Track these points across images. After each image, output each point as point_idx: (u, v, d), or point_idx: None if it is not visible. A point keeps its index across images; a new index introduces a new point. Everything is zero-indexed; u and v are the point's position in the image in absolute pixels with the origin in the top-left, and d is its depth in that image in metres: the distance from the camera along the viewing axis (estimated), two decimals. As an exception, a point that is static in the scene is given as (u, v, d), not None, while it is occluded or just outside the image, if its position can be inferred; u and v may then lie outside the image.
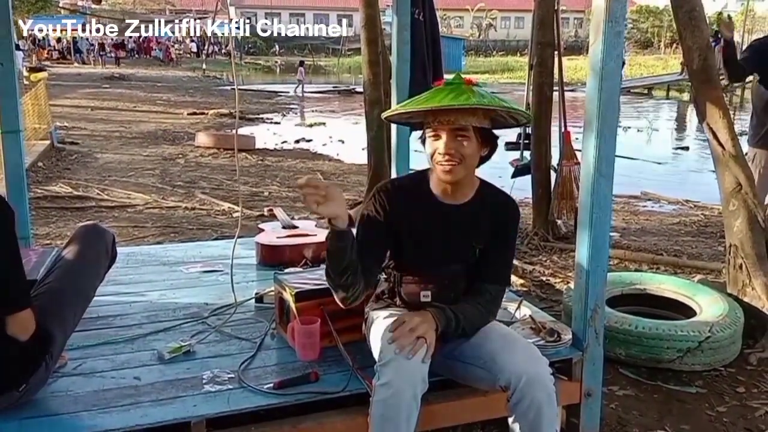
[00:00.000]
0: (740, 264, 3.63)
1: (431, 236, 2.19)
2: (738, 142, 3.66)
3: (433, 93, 2.07)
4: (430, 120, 2.08)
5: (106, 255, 2.36)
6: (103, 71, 30.18)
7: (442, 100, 2.01)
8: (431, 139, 2.10)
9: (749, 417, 2.89)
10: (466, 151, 2.07)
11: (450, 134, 2.05)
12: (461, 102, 1.99)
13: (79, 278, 2.23)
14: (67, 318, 2.14)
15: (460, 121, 2.04)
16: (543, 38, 5.43)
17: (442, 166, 2.08)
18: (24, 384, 1.99)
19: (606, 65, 2.28)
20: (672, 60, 37.86)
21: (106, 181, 7.94)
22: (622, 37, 2.29)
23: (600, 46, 2.27)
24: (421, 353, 1.93)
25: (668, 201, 7.88)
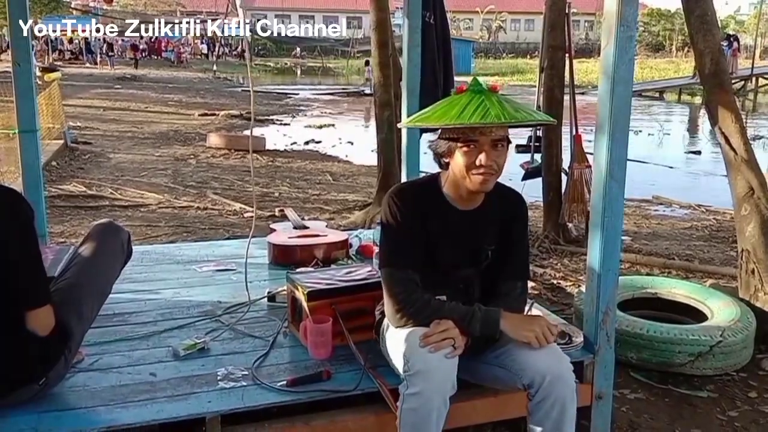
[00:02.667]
0: (752, 269, 3.62)
1: (445, 241, 2.19)
2: (750, 146, 3.65)
3: (462, 103, 2.02)
4: (468, 131, 2.03)
5: (122, 252, 2.39)
6: (114, 72, 30.29)
7: (484, 116, 1.95)
8: (465, 149, 2.04)
9: (761, 422, 2.88)
10: (502, 161, 2.07)
11: (491, 145, 2.04)
12: (515, 119, 1.98)
13: (96, 275, 2.26)
14: (84, 313, 2.17)
15: (500, 132, 2.04)
16: (554, 41, 5.42)
17: (480, 176, 2.05)
18: (43, 378, 2.02)
19: (618, 69, 2.28)
20: (684, 64, 37.69)
21: (119, 181, 7.99)
22: (633, 41, 2.29)
23: (612, 49, 2.27)
24: (446, 350, 1.95)
25: (680, 205, 7.86)
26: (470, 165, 2.04)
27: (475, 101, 2.00)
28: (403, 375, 1.95)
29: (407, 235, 2.15)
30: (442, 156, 2.12)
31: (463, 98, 2.03)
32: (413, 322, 2.08)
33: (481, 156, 2.03)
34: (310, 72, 41.53)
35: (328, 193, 7.95)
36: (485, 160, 2.02)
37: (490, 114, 1.95)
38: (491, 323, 2.06)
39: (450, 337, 1.97)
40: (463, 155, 2.05)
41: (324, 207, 7.07)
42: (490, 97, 2.01)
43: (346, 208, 7.03)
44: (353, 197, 7.66)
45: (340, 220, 6.35)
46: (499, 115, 1.95)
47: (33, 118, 3.67)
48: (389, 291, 2.14)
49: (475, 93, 2.04)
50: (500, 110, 1.97)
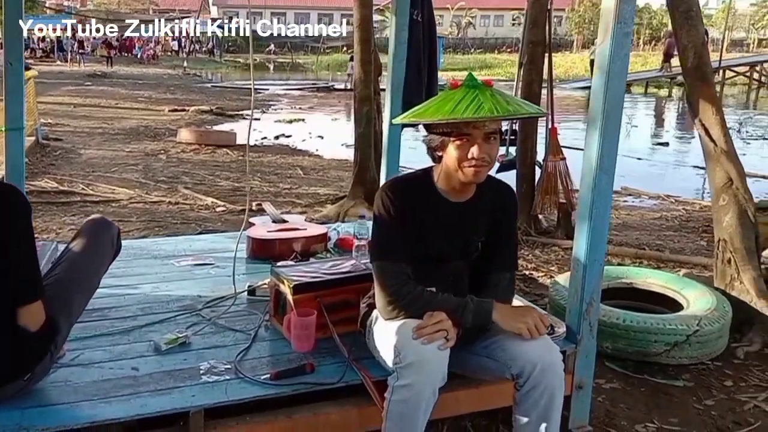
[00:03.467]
0: (729, 258, 3.68)
1: (436, 233, 2.20)
2: (730, 138, 3.72)
3: (455, 98, 2.02)
4: (461, 125, 2.03)
5: (111, 247, 2.38)
6: (85, 69, 29.93)
7: (478, 111, 1.96)
8: (458, 142, 2.05)
9: (738, 410, 2.93)
10: (494, 153, 2.10)
11: (484, 138, 2.05)
12: (507, 112, 1.99)
13: (87, 270, 2.24)
14: (73, 308, 2.15)
15: (492, 126, 2.05)
16: (535, 37, 5.52)
17: (473, 168, 2.06)
18: (29, 373, 2.00)
19: (613, 64, 2.29)
20: (651, 57, 38.16)
21: (90, 177, 7.90)
22: (630, 38, 2.32)
23: (608, 45, 2.29)
24: (439, 342, 1.95)
25: (649, 196, 7.95)
26: (463, 158, 2.06)
27: (469, 96, 2.01)
28: (394, 367, 1.96)
29: (399, 228, 2.15)
30: (436, 150, 2.13)
31: (457, 93, 2.04)
32: (405, 314, 2.08)
33: (474, 149, 2.04)
34: (279, 68, 41.36)
35: (299, 187, 7.94)
36: (478, 153, 2.04)
37: (484, 108, 1.96)
38: (483, 314, 2.07)
39: (443, 329, 1.97)
40: (456, 148, 2.06)
41: (296, 201, 7.06)
42: (484, 92, 2.02)
43: (318, 201, 7.03)
44: (324, 191, 7.66)
45: (312, 213, 6.34)
46: (492, 109, 1.96)
47: (21, 116, 3.68)
48: (381, 283, 2.14)
49: (470, 88, 2.04)
50: (493, 104, 1.97)
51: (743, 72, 30.23)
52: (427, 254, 2.20)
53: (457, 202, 2.21)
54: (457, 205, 2.21)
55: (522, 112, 2.07)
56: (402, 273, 2.12)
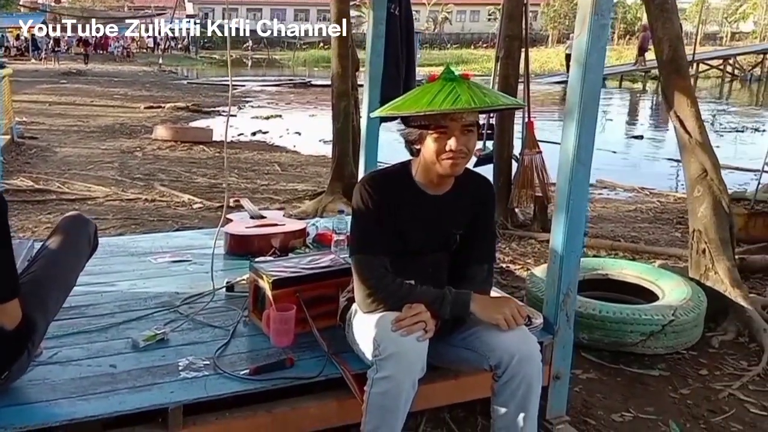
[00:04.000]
0: (704, 249, 3.72)
1: (416, 226, 2.21)
2: (704, 129, 3.75)
3: (433, 90, 2.03)
4: (439, 117, 2.04)
5: (88, 244, 2.35)
6: (60, 67, 29.60)
7: (455, 102, 1.97)
8: (436, 135, 2.06)
9: (713, 399, 2.97)
10: (472, 145, 2.11)
11: (461, 131, 2.06)
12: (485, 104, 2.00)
13: (63, 267, 2.22)
14: (50, 306, 2.13)
15: (470, 118, 2.06)
16: (511, 31, 5.54)
17: (451, 161, 2.07)
18: (6, 372, 1.98)
19: (590, 57, 2.30)
20: (625, 51, 38.45)
21: (66, 175, 7.80)
22: (607, 30, 2.33)
23: (585, 37, 2.29)
24: (418, 333, 1.96)
25: (624, 188, 8.00)
26: (441, 150, 2.07)
27: (447, 88, 2.02)
28: (373, 359, 1.96)
29: (378, 222, 2.16)
30: (414, 143, 2.14)
31: (434, 86, 2.05)
32: (384, 307, 2.09)
33: (451, 141, 2.05)
34: (255, 64, 41.14)
35: (277, 183, 7.90)
36: (455, 145, 2.05)
37: (461, 100, 1.97)
38: (462, 306, 2.09)
39: (422, 321, 1.99)
40: (434, 141, 2.07)
41: (274, 197, 7.03)
42: (461, 84, 2.03)
43: (296, 197, 7.00)
44: (302, 187, 7.63)
45: (290, 209, 6.32)
46: (470, 101, 1.97)
47: (-1, 117, 3.63)
48: (360, 277, 2.15)
49: (447, 81, 2.05)
50: (471, 96, 1.99)
51: (717, 65, 30.56)
52: (405, 247, 2.21)
53: (436, 195, 2.22)
54: (435, 198, 2.22)
55: (499, 103, 2.08)
56: (380, 266, 2.13)
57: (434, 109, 1.98)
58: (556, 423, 2.59)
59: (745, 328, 3.53)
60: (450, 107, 1.97)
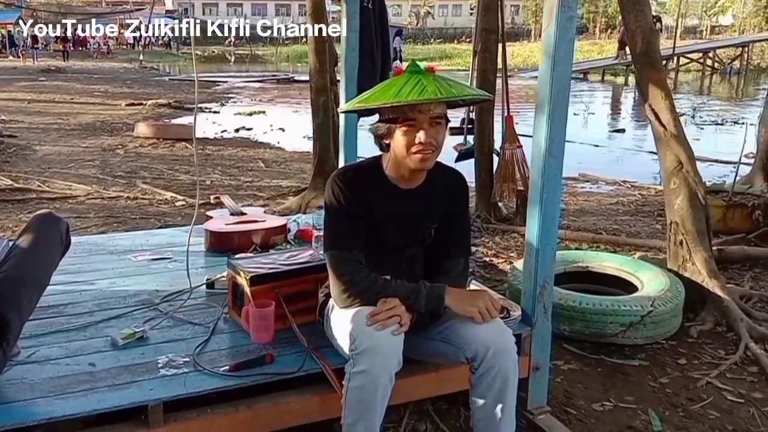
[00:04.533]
0: (681, 240, 3.75)
1: (389, 221, 2.21)
2: (679, 122, 3.78)
3: (399, 83, 2.03)
4: (407, 110, 2.04)
5: (60, 243, 2.33)
6: (39, 65, 29.35)
7: (422, 93, 1.98)
8: (404, 128, 2.06)
9: (691, 387, 3.00)
10: (441, 138, 2.10)
11: (429, 123, 2.06)
12: (452, 94, 2.00)
13: (35, 266, 2.20)
14: (23, 305, 2.11)
15: (437, 110, 2.06)
16: (488, 24, 5.52)
17: (420, 154, 2.07)
18: None
19: (558, 49, 2.30)
20: (607, 45, 38.66)
21: (46, 173, 7.76)
22: (574, 22, 2.32)
23: (553, 30, 2.29)
24: (393, 327, 1.97)
25: (606, 182, 8.06)
26: (410, 143, 2.07)
27: (413, 80, 2.02)
28: (350, 354, 1.97)
29: (351, 217, 2.16)
30: (383, 137, 2.14)
31: (400, 79, 2.05)
32: (360, 302, 2.09)
33: (420, 134, 2.05)
34: (238, 60, 40.99)
35: (261, 179, 7.89)
36: (424, 138, 2.05)
37: (428, 90, 1.98)
38: (436, 299, 2.10)
39: (396, 315, 1.99)
40: (403, 134, 2.07)
41: (257, 194, 7.01)
42: (427, 77, 2.04)
43: (280, 194, 6.99)
44: (287, 183, 7.62)
45: (274, 206, 6.31)
46: (436, 91, 1.98)
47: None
48: (335, 272, 2.15)
49: (413, 74, 2.06)
50: (437, 87, 1.99)
51: (697, 59, 30.75)
52: (379, 242, 2.21)
53: (408, 189, 2.22)
54: (408, 192, 2.22)
55: (465, 94, 2.08)
56: (355, 261, 2.13)
57: (401, 100, 1.98)
58: (537, 413, 2.61)
59: (722, 317, 3.57)
60: (417, 98, 1.97)
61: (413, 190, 2.23)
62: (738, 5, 57.76)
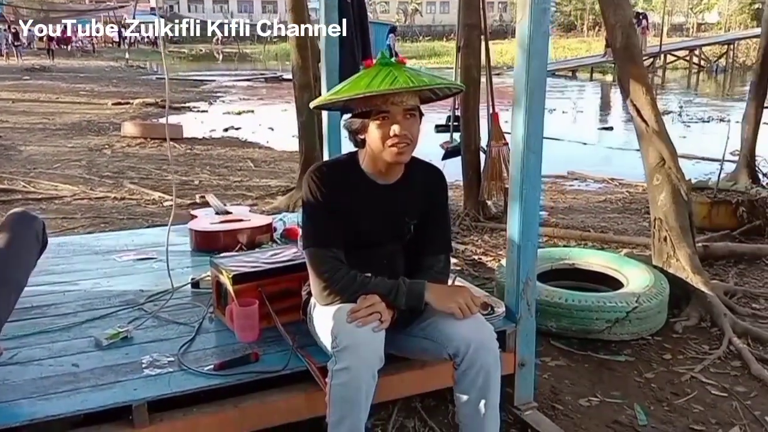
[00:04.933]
0: (665, 236, 3.77)
1: (367, 217, 2.19)
2: (661, 118, 3.79)
3: (370, 75, 2.04)
4: (380, 103, 2.04)
5: (36, 242, 2.31)
6: (23, 63, 29.15)
7: (393, 83, 1.97)
8: (378, 121, 2.06)
9: (676, 382, 3.03)
10: (415, 131, 2.09)
11: (403, 115, 2.05)
12: (423, 83, 2.00)
13: (10, 266, 2.18)
14: (0, 306, 2.10)
15: (410, 102, 2.05)
16: (469, 20, 5.49)
17: (396, 148, 2.06)
18: None
19: (533, 42, 2.29)
20: (595, 42, 38.70)
21: (32, 174, 7.72)
22: (548, 15, 2.31)
23: (527, 23, 2.28)
24: (373, 324, 1.97)
25: (594, 180, 8.07)
26: (385, 136, 2.06)
27: (384, 72, 2.02)
28: (332, 351, 1.96)
29: (328, 214, 2.15)
30: (358, 133, 2.14)
31: (371, 71, 2.05)
32: (340, 299, 2.09)
33: (395, 126, 2.04)
34: (226, 58, 40.84)
35: (249, 179, 7.87)
36: (399, 130, 2.04)
37: (399, 80, 1.98)
38: (416, 296, 2.09)
39: (376, 311, 1.99)
40: (377, 127, 2.06)
41: (246, 193, 7.00)
42: (398, 68, 2.04)
43: (269, 193, 6.98)
44: (276, 183, 7.60)
45: (263, 205, 6.31)
46: (407, 81, 1.98)
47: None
48: (314, 270, 2.14)
49: (383, 65, 2.06)
50: (408, 77, 1.99)
51: (683, 56, 30.82)
52: (358, 238, 2.20)
53: (386, 185, 2.21)
54: (385, 188, 2.21)
55: (436, 83, 2.08)
56: (334, 259, 2.13)
57: (373, 90, 1.98)
58: (524, 409, 2.62)
59: (706, 313, 3.59)
60: (389, 87, 1.97)
61: (391, 185, 2.22)
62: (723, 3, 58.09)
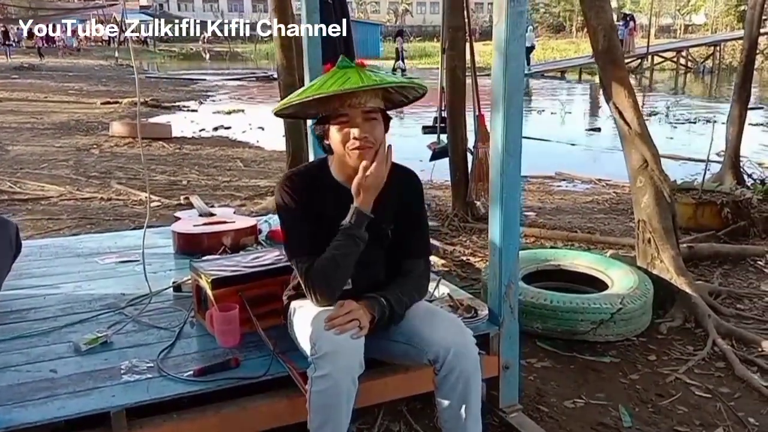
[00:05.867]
0: (649, 238, 3.78)
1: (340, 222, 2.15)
2: (643, 120, 3.79)
3: (326, 78, 2.02)
4: (337, 106, 2.02)
5: (10, 246, 2.29)
6: (11, 62, 28.97)
7: (344, 84, 1.96)
8: (339, 126, 2.04)
9: (660, 383, 3.03)
10: (378, 134, 2.07)
11: (362, 117, 2.03)
12: (374, 82, 1.98)
13: None
14: None
15: (369, 104, 2.03)
16: (454, 22, 5.47)
17: (357, 151, 2.04)
18: None
19: (510, 45, 2.28)
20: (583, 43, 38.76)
21: (18, 174, 7.67)
22: (524, 17, 2.30)
23: (503, 26, 2.27)
24: (352, 331, 1.95)
25: (581, 180, 8.09)
26: (345, 139, 2.04)
27: (338, 74, 2.01)
28: (311, 358, 1.95)
29: (303, 222, 2.14)
30: (323, 138, 2.12)
31: (327, 75, 2.04)
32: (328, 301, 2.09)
33: (354, 130, 2.03)
34: (217, 57, 40.72)
35: (239, 179, 7.85)
36: (359, 133, 2.02)
37: (350, 81, 1.96)
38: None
39: (355, 318, 1.98)
40: (337, 132, 2.05)
41: (235, 194, 6.97)
42: (353, 69, 2.02)
43: (258, 194, 6.95)
44: (265, 183, 7.57)
45: (252, 206, 6.28)
46: (358, 81, 1.96)
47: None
48: (302, 281, 2.14)
49: (340, 68, 2.04)
50: (359, 77, 1.98)
51: (671, 57, 30.95)
52: None
53: None
54: None
55: (387, 81, 2.05)
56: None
57: (322, 92, 1.97)
58: (509, 412, 2.62)
59: (690, 314, 3.60)
60: (338, 88, 1.95)
61: None
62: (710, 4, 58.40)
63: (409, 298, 2.17)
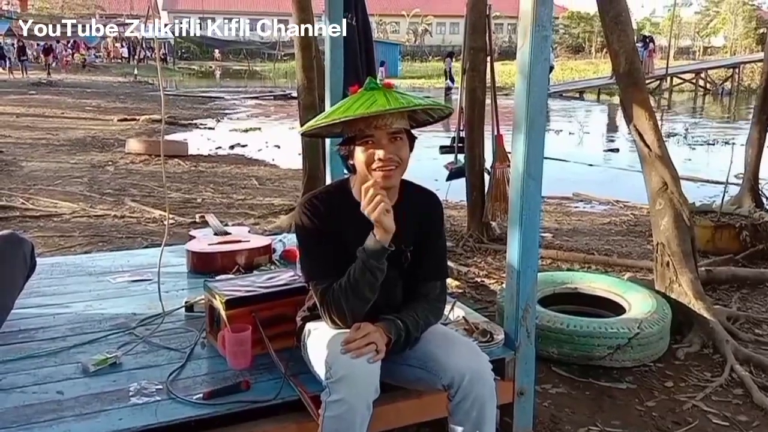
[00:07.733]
0: (667, 261, 3.73)
1: (361, 244, 2.12)
2: (663, 142, 3.76)
3: (353, 100, 2.01)
4: (363, 127, 2.01)
5: (24, 264, 2.28)
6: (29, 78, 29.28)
7: (371, 106, 1.95)
8: (364, 146, 2.03)
9: (677, 411, 2.97)
10: (403, 154, 2.05)
11: (388, 139, 2.02)
12: (400, 104, 1.96)
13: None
14: None
15: (395, 125, 2.01)
16: (475, 43, 5.49)
17: (382, 172, 2.02)
18: None
19: (533, 69, 2.28)
20: (602, 64, 38.85)
21: (31, 190, 7.69)
22: (549, 41, 2.31)
23: (528, 49, 2.28)
24: (369, 355, 1.92)
25: (599, 201, 8.05)
26: (369, 161, 2.02)
27: (365, 96, 1.99)
28: (326, 382, 1.92)
29: (322, 245, 2.11)
30: (347, 158, 2.10)
31: (354, 97, 2.02)
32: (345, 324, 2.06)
33: (379, 151, 2.01)
34: (236, 75, 41.04)
35: (253, 197, 7.84)
36: (384, 155, 2.00)
37: (377, 103, 1.94)
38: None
39: (372, 342, 1.95)
40: (362, 152, 2.03)
41: (249, 212, 6.96)
42: (380, 92, 2.01)
43: (272, 212, 6.94)
44: (279, 201, 7.56)
45: (265, 224, 6.26)
46: (385, 104, 1.94)
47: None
48: (319, 304, 2.11)
49: (367, 90, 2.02)
50: (386, 99, 1.96)
51: (689, 79, 30.93)
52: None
53: None
54: None
55: (414, 104, 2.02)
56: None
57: (349, 115, 1.95)
58: (523, 439, 2.56)
59: (708, 339, 3.54)
60: (365, 111, 1.94)
61: None
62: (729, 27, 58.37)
63: (425, 321, 2.14)
